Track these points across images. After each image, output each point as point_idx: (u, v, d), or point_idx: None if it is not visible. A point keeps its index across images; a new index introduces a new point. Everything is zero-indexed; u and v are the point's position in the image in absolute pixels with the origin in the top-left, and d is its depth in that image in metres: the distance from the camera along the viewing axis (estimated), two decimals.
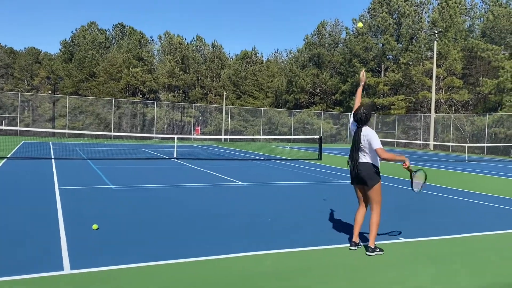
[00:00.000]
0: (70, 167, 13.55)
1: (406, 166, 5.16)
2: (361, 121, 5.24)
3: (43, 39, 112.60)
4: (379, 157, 5.11)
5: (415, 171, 5.50)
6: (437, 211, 8.05)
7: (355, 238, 5.30)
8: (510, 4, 38.81)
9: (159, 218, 6.67)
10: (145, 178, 11.42)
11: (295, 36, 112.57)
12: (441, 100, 40.50)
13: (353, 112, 5.45)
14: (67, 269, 4.21)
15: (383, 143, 5.51)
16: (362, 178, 5.18)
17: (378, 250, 5.09)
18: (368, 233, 5.28)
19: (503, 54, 37.00)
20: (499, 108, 36.45)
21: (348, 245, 5.36)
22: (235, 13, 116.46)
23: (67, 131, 21.91)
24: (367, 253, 5.05)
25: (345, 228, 6.37)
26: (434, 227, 6.62)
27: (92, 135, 35.20)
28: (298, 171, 14.76)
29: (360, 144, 5.18)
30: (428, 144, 37.88)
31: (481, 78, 38.56)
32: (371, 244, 5.09)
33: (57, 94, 50.87)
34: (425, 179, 5.60)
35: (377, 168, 5.21)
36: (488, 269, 4.73)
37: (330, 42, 54.66)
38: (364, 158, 5.19)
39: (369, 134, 5.16)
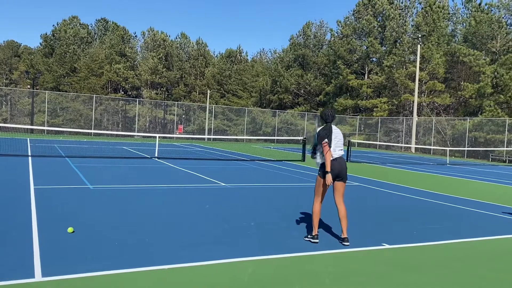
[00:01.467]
0: (47, 165, 13.16)
1: (328, 183, 5.57)
2: (332, 117, 5.74)
3: (23, 32, 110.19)
4: (324, 150, 5.52)
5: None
6: (421, 217, 8.01)
7: (315, 231, 5.65)
8: (491, 10, 39.50)
9: (138, 221, 6.45)
10: (124, 178, 11.15)
11: (280, 36, 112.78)
12: (423, 104, 40.99)
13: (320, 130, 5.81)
14: (38, 277, 3.99)
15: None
16: (345, 173, 5.67)
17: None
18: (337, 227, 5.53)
19: (484, 59, 37.64)
20: (479, 112, 37.08)
21: (333, 251, 5.24)
22: (220, 11, 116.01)
23: (46, 127, 21.35)
24: (344, 243, 5.52)
25: (330, 233, 6.26)
26: (419, 233, 6.56)
27: (72, 132, 34.50)
28: (281, 172, 14.65)
29: (338, 139, 5.66)
30: (410, 147, 38.28)
31: (462, 83, 39.16)
32: (345, 234, 5.58)
33: (36, 89, 49.76)
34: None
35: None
36: (472, 277, 4.67)
37: (315, 43, 54.84)
38: (342, 152, 5.69)
39: (338, 130, 5.77)
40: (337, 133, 5.68)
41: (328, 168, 5.48)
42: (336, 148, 5.60)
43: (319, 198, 5.74)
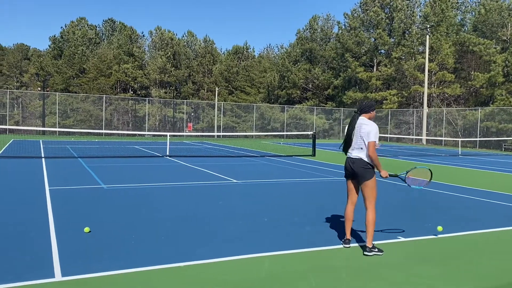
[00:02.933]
0: (60, 166, 13.31)
1: (384, 176, 5.09)
2: (360, 107, 5.18)
3: (32, 35, 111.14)
4: (368, 150, 4.94)
5: (406, 172, 5.47)
6: (435, 209, 7.97)
7: (348, 236, 5.23)
8: None
9: (153, 219, 6.51)
10: (137, 177, 11.24)
11: (287, 31, 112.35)
12: (433, 95, 40.62)
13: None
14: (58, 276, 4.05)
15: None
16: (356, 173, 5.04)
17: (376, 250, 4.94)
18: (363, 231, 5.16)
19: (495, 48, 37.14)
20: (491, 102, 36.65)
21: (347, 245, 5.24)
22: (226, 8, 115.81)
23: (57, 129, 21.60)
24: (365, 253, 4.91)
25: (342, 227, 6.24)
26: (433, 225, 6.53)
27: (83, 133, 34.82)
28: (292, 167, 14.65)
29: (355, 135, 5.06)
30: (421, 139, 37.99)
31: (472, 72, 38.69)
32: (368, 243, 4.94)
33: (46, 91, 50.24)
34: (428, 177, 5.54)
35: (370, 164, 5.04)
36: (488, 268, 4.65)
37: (322, 36, 54.55)
38: (361, 152, 5.03)
39: (369, 126, 4.99)
40: (359, 127, 5.07)
41: None
42: (354, 146, 5.10)
43: (348, 200, 5.30)
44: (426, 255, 5.07)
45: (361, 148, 5.02)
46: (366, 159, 5.00)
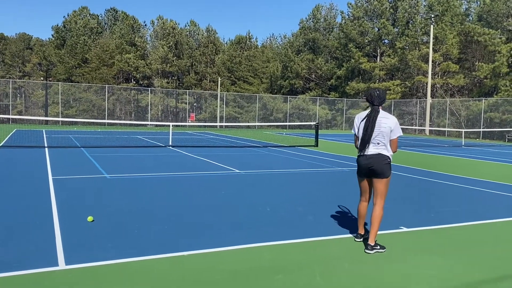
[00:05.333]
0: (63, 155, 13.34)
1: None
2: (378, 98, 4.70)
3: (35, 24, 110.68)
4: (392, 148, 4.72)
5: None
6: (438, 199, 7.96)
7: (361, 230, 5.07)
8: None
9: (156, 209, 6.53)
10: (140, 167, 11.26)
11: (290, 20, 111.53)
12: (437, 85, 40.39)
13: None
14: (62, 265, 4.08)
15: None
16: (375, 171, 4.73)
17: (378, 247, 4.72)
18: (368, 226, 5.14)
19: (500, 38, 36.80)
20: (495, 92, 36.41)
21: (350, 235, 5.25)
22: None
23: (60, 118, 21.61)
24: (366, 250, 4.69)
25: (344, 217, 6.26)
26: (437, 216, 6.53)
27: (86, 123, 34.86)
28: (295, 158, 14.64)
29: (375, 130, 4.67)
30: (424, 129, 37.87)
31: (477, 63, 38.41)
32: (371, 241, 4.70)
33: (49, 80, 50.21)
34: None
35: (390, 159, 4.81)
36: (492, 259, 4.64)
37: (325, 26, 54.15)
38: (379, 148, 4.74)
39: (390, 118, 4.69)
40: (379, 122, 4.69)
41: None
42: (370, 142, 4.74)
43: (361, 197, 5.08)
44: (428, 245, 5.07)
45: (379, 143, 4.72)
46: (387, 154, 4.75)
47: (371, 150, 4.75)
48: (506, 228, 6.05)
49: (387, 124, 4.69)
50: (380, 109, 4.78)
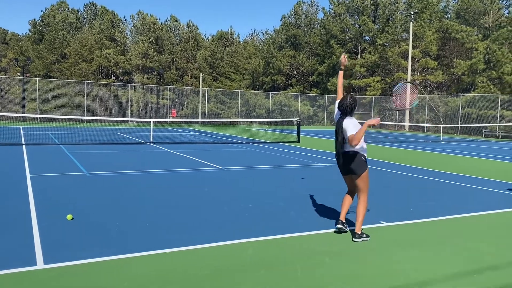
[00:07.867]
0: (42, 153, 13.09)
1: (377, 123, 5.14)
2: (345, 112, 5.16)
3: (10, 18, 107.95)
4: (350, 145, 4.97)
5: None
6: (417, 194, 8.10)
7: (342, 217, 5.28)
8: None
9: (137, 207, 6.47)
10: (121, 164, 11.12)
11: (272, 16, 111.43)
12: (416, 82, 40.99)
13: (337, 101, 5.41)
14: (40, 264, 4.01)
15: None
16: (349, 168, 5.12)
17: (364, 236, 5.03)
18: (353, 219, 5.23)
19: (476, 35, 37.55)
20: (472, 89, 37.16)
21: (331, 230, 5.30)
22: None
23: (38, 115, 21.16)
24: (354, 239, 4.97)
25: (326, 212, 6.32)
26: (416, 210, 6.65)
27: (65, 119, 34.25)
28: (277, 154, 14.68)
29: (342, 134, 5.10)
30: (404, 125, 38.44)
31: (455, 60, 39.11)
32: (357, 230, 5.02)
33: (26, 76, 49.12)
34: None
35: (364, 156, 5.12)
36: (470, 251, 4.76)
37: (306, 23, 54.32)
38: (348, 147, 5.09)
39: (346, 123, 5.06)
40: (338, 125, 5.25)
41: None
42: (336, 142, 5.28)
43: (348, 190, 5.45)
44: (407, 239, 5.16)
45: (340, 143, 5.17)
46: (359, 152, 5.08)
47: (344, 148, 5.15)
48: (483, 221, 6.19)
49: (346, 127, 5.05)
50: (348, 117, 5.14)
